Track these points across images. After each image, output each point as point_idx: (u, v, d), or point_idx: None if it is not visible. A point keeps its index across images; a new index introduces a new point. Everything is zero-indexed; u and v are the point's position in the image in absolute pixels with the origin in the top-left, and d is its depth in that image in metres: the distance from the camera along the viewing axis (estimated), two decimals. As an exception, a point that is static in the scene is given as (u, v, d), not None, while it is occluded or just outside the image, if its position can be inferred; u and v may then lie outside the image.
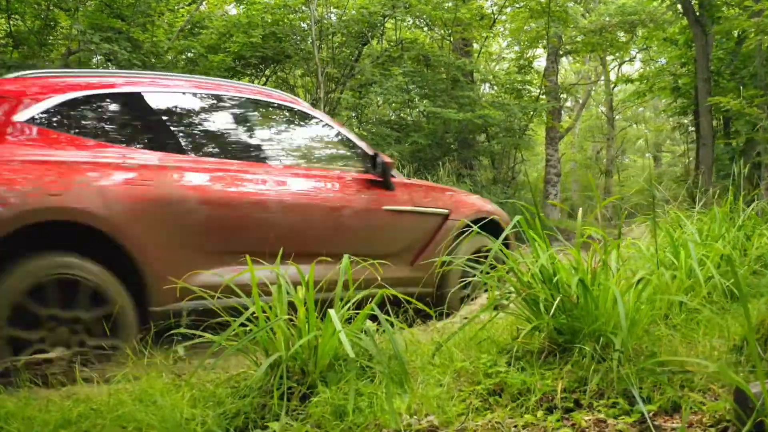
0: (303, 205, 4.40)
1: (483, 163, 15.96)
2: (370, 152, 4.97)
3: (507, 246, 3.53)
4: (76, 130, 3.87)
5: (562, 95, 20.00)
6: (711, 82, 16.80)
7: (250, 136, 4.81)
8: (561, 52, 23.44)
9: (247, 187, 4.19)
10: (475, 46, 19.21)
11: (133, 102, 4.21)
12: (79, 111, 3.94)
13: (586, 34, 17.52)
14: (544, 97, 16.97)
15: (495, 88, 15.14)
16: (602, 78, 34.32)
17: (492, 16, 15.96)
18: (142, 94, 4.23)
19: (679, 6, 16.88)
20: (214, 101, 4.71)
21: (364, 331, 2.61)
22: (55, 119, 3.80)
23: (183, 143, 4.35)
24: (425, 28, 18.03)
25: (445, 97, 13.06)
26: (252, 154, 4.61)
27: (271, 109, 4.98)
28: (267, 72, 13.91)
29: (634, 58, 28.93)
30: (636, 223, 5.56)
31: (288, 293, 2.79)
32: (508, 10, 17.18)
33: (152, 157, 3.92)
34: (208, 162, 4.22)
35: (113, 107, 4.19)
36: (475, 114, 11.95)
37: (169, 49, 10.06)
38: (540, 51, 22.73)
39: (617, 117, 37.10)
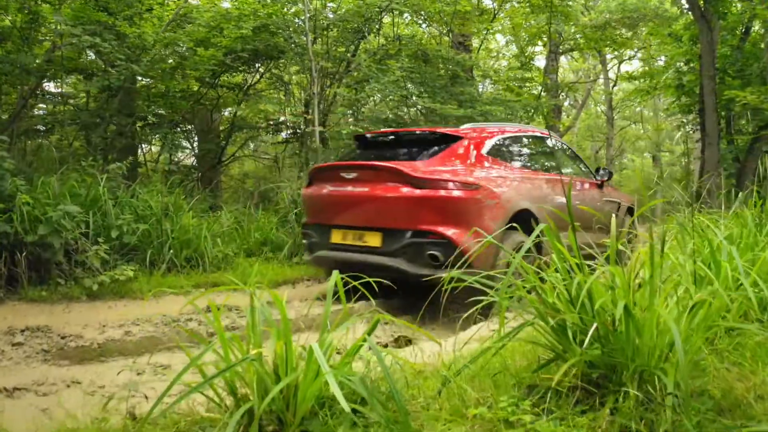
0: (580, 195, 8.01)
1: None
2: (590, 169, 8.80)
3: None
4: (504, 158, 6.82)
5: (561, 94, 19.54)
6: (716, 79, 16.33)
7: (547, 157, 7.94)
8: (561, 50, 23.10)
9: (556, 188, 7.06)
10: (474, 43, 18.77)
11: (513, 140, 7.20)
12: (503, 146, 6.93)
13: (588, 31, 17.01)
14: (545, 95, 16.52)
15: (496, 84, 14.60)
16: (602, 76, 33.92)
17: (493, 11, 15.46)
18: (516, 136, 7.31)
19: (683, 1, 16.41)
20: (532, 139, 7.74)
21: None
22: (496, 151, 6.69)
23: (529, 163, 7.41)
24: (423, 24, 17.58)
25: (444, 94, 12.58)
26: (551, 168, 7.69)
27: (547, 141, 8.01)
28: (261, 69, 13.46)
29: (634, 56, 28.55)
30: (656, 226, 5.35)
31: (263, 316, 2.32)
32: (507, 7, 16.69)
33: (525, 173, 6.95)
34: (542, 174, 7.21)
35: (511, 144, 7.16)
36: (475, 110, 11.46)
37: (156, 43, 9.53)
38: (539, 48, 22.45)
39: (616, 116, 36.66)
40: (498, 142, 6.76)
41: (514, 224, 4.35)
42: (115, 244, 7.17)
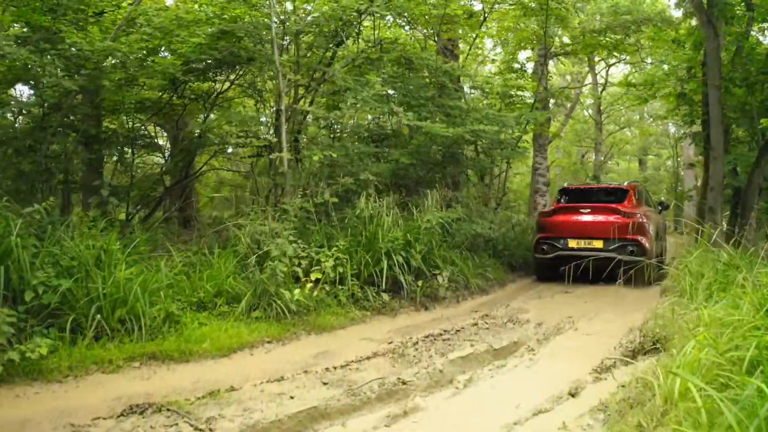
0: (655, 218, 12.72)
1: (470, 176, 14.15)
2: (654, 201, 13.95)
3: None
4: (639, 200, 12.47)
5: (551, 100, 18.30)
6: (722, 89, 15.13)
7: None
8: (551, 54, 21.91)
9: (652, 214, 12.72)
10: (462, 47, 17.49)
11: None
12: (639, 194, 12.72)
13: (585, 34, 15.75)
14: (538, 103, 15.27)
15: (486, 94, 13.25)
16: (597, 81, 32.80)
17: (482, 13, 14.15)
18: (639, 189, 12.94)
19: (686, 4, 15.19)
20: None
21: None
22: (638, 197, 12.44)
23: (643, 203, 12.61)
24: (407, 27, 16.29)
25: (430, 106, 11.28)
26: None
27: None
28: (231, 77, 12.14)
29: (622, 60, 27.44)
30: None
31: None
32: (498, 10, 15.41)
33: (646, 208, 12.71)
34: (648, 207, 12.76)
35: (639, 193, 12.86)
36: (465, 129, 10.16)
37: (96, 53, 8.10)
38: (528, 53, 21.25)
39: (605, 121, 35.56)
40: (638, 192, 12.67)
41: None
42: (34, 306, 5.81)
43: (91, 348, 5.90)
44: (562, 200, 12.64)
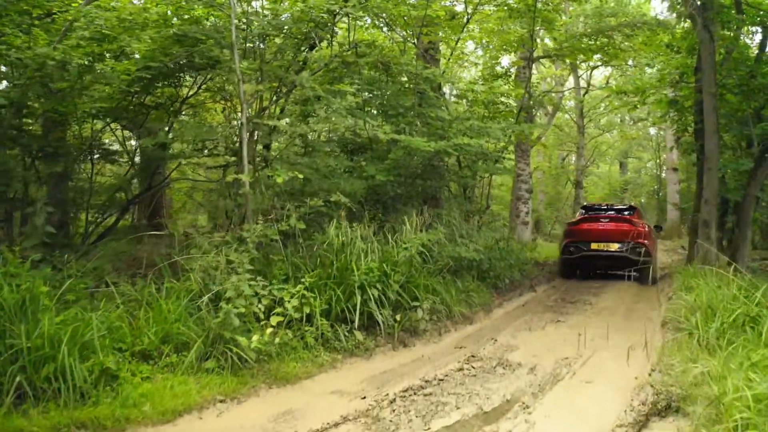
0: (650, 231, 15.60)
1: (451, 189, 13.22)
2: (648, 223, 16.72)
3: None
4: (640, 216, 16.55)
5: (536, 108, 17.43)
6: (717, 96, 14.34)
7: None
8: (538, 58, 21.09)
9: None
10: (441, 49, 16.59)
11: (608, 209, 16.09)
12: (640, 211, 17.30)
13: (574, 38, 14.88)
14: (524, 111, 14.38)
15: (470, 103, 12.24)
16: (579, 84, 32.06)
17: (465, 14, 13.22)
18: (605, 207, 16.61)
19: (681, 8, 14.37)
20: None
21: None
22: (640, 213, 16.76)
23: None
24: (385, 29, 15.35)
25: (410, 116, 10.36)
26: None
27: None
28: (197, 79, 11.16)
29: (604, 63, 26.74)
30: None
31: None
32: (482, 10, 14.51)
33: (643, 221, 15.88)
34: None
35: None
36: (448, 143, 9.22)
37: (36, 59, 7.07)
38: (513, 57, 20.36)
39: (587, 124, 34.84)
40: (641, 210, 17.03)
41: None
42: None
43: (8, 417, 4.91)
44: (584, 212, 16.10)
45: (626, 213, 15.42)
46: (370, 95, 11.07)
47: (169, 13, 8.71)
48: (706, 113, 14.31)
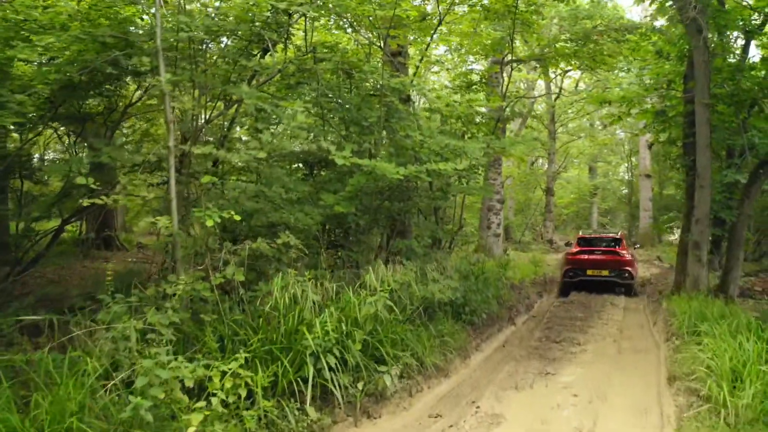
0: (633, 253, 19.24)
1: (421, 208, 11.78)
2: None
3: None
4: (626, 244, 19.52)
5: (510, 116, 16.12)
6: (711, 107, 13.14)
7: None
8: (517, 63, 19.89)
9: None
10: (410, 52, 15.18)
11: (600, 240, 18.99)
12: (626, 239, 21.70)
13: (558, 42, 13.53)
14: (500, 123, 13.04)
15: (445, 118, 10.76)
16: (551, 88, 30.96)
17: (437, 15, 11.80)
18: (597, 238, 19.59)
19: (674, 12, 13.14)
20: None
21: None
22: (626, 241, 19.69)
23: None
24: (349, 30, 13.89)
25: (375, 133, 8.93)
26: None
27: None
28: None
29: (577, 68, 25.60)
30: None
31: None
32: (455, 11, 13.12)
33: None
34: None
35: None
36: (421, 168, 7.79)
37: None
38: (488, 61, 19.03)
39: (558, 129, 33.76)
40: (626, 238, 19.20)
41: None
42: None
43: None
44: (580, 243, 18.47)
45: (614, 244, 17.96)
46: (328, 109, 9.63)
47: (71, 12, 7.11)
48: (699, 125, 13.11)
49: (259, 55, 11.47)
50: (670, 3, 13.05)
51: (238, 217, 6.09)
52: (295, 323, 6.22)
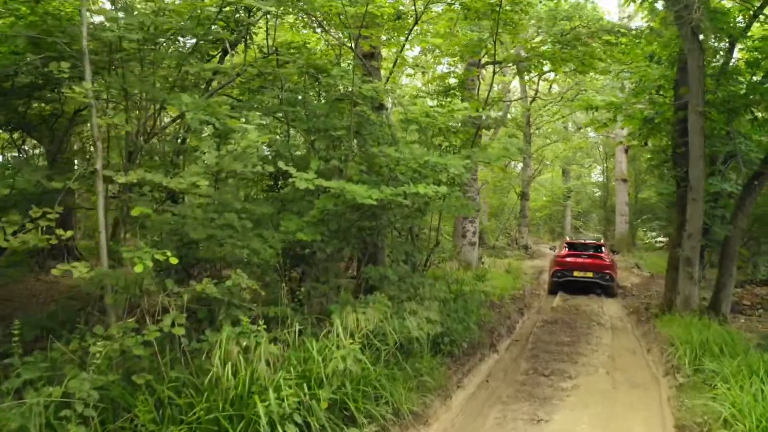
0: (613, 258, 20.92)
1: (396, 226, 10.73)
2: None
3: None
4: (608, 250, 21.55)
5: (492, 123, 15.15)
6: (705, 115, 12.29)
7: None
8: (486, 64, 18.99)
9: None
10: (384, 54, 14.16)
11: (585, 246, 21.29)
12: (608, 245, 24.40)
13: (546, 47, 12.59)
14: (480, 130, 12.07)
15: (423, 130, 9.67)
16: (526, 90, 30.08)
17: (413, 14, 10.77)
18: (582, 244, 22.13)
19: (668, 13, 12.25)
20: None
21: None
22: (608, 248, 23.07)
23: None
24: (318, 29, 12.85)
25: (344, 146, 7.90)
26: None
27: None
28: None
29: (553, 70, 24.80)
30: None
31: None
32: (433, 10, 12.12)
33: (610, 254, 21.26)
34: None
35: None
36: (397, 190, 6.75)
37: None
38: (460, 65, 18.07)
39: (534, 132, 32.93)
40: (607, 244, 22.40)
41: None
42: None
43: None
44: (567, 248, 20.60)
45: (597, 249, 20.31)
46: (293, 118, 8.57)
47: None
48: (692, 135, 12.24)
49: (218, 57, 10.40)
50: (662, 4, 12.16)
51: (174, 260, 5.02)
52: (248, 385, 5.15)
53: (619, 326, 13.77)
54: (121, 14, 6.47)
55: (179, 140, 8.67)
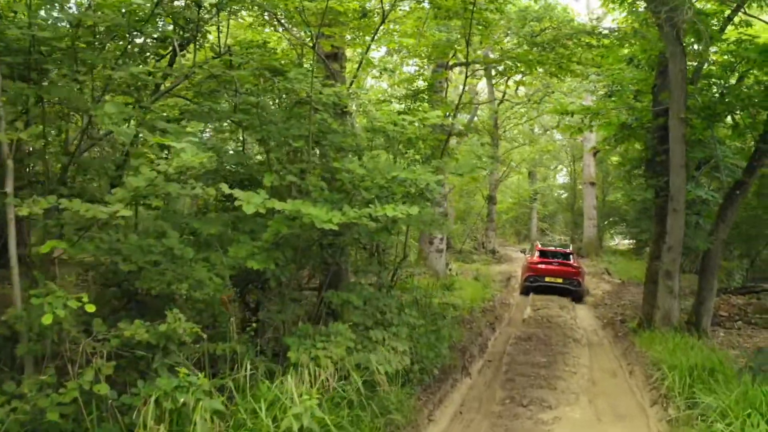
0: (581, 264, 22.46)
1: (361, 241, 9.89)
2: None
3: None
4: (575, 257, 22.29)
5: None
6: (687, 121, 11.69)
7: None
8: (453, 66, 18.31)
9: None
10: (348, 55, 13.35)
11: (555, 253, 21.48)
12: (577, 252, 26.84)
13: (525, 47, 11.86)
14: (452, 135, 11.32)
15: (391, 141, 8.77)
16: (493, 92, 29.44)
17: (380, 12, 9.95)
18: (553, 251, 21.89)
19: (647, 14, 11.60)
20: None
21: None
22: (575, 255, 23.55)
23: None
24: (276, 26, 11.99)
25: (303, 162, 7.07)
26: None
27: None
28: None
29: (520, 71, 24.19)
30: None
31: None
32: (401, 9, 11.34)
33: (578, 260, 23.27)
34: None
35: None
36: (362, 212, 5.91)
37: None
38: (427, 67, 17.32)
39: (501, 134, 32.36)
40: (573, 250, 22.92)
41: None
42: None
43: None
44: (539, 255, 21.13)
45: (567, 257, 21.07)
46: (245, 126, 7.73)
47: None
48: (673, 142, 11.62)
49: (168, 57, 9.46)
50: (643, 5, 11.52)
51: (91, 307, 4.17)
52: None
53: (596, 342, 13.13)
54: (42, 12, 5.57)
55: (121, 152, 7.74)
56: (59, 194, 4.59)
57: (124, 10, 6.04)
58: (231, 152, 7.19)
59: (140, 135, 4.95)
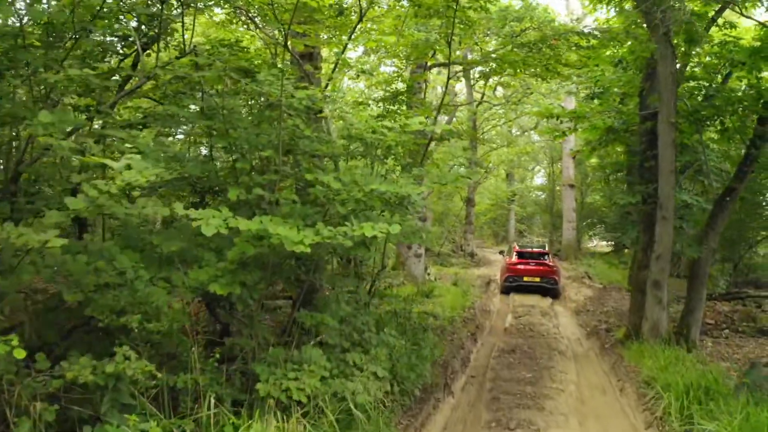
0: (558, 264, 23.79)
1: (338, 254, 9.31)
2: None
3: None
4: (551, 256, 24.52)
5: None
6: (677, 126, 11.26)
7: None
8: (432, 66, 17.87)
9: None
10: (324, 54, 12.79)
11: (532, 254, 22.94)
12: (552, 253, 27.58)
13: (503, 51, 11.34)
14: (434, 138, 10.80)
15: (368, 147, 8.18)
16: (472, 93, 28.99)
17: (358, 9, 9.38)
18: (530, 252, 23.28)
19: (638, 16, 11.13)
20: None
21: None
22: (553, 255, 26.13)
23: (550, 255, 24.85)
24: (246, 24, 11.41)
25: (272, 173, 6.50)
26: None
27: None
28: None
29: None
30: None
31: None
32: (379, 8, 10.79)
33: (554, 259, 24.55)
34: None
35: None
36: (338, 231, 5.33)
37: None
38: (406, 66, 16.79)
39: (480, 136, 31.90)
40: (549, 250, 25.13)
41: None
42: None
43: None
44: (517, 256, 22.41)
45: (543, 257, 22.44)
46: (210, 133, 7.13)
47: None
48: (662, 148, 11.17)
49: (134, 56, 8.82)
50: (631, 5, 11.08)
51: (21, 353, 3.57)
52: None
53: (581, 353, 12.65)
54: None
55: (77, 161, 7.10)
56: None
57: (73, 7, 5.41)
58: (192, 163, 6.52)
59: (86, 145, 4.35)
